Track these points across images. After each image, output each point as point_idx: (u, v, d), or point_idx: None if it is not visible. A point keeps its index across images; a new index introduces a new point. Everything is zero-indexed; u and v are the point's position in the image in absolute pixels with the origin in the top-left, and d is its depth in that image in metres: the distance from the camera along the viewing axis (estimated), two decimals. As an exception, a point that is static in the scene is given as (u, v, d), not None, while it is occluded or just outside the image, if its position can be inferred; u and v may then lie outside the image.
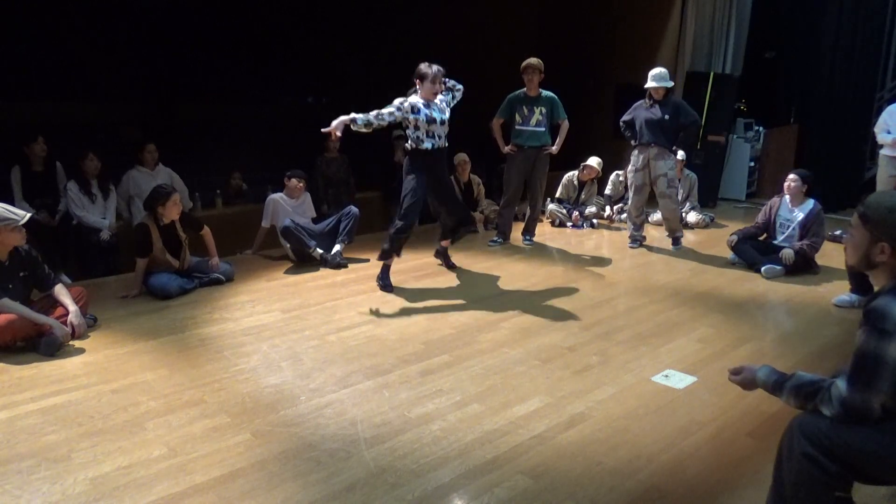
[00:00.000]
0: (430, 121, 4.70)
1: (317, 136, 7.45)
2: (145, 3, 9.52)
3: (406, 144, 4.81)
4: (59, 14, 8.97)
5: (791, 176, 5.49)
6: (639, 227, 6.37)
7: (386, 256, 4.81)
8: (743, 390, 2.20)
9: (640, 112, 6.05)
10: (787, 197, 5.52)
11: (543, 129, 6.08)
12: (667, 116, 5.89)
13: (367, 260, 5.63)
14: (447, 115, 4.84)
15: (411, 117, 4.65)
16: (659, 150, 5.97)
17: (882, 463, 1.79)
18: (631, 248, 6.29)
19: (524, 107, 6.04)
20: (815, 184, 5.53)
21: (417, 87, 4.76)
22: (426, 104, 4.72)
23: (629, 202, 6.40)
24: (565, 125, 6.15)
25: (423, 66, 4.76)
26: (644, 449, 2.67)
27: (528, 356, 3.61)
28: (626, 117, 6.18)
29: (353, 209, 5.75)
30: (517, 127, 6.06)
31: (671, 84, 6.00)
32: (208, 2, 10.09)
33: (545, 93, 6.07)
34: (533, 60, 5.94)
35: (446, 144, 4.85)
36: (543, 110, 6.04)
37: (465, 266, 5.49)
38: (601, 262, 5.83)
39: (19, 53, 8.72)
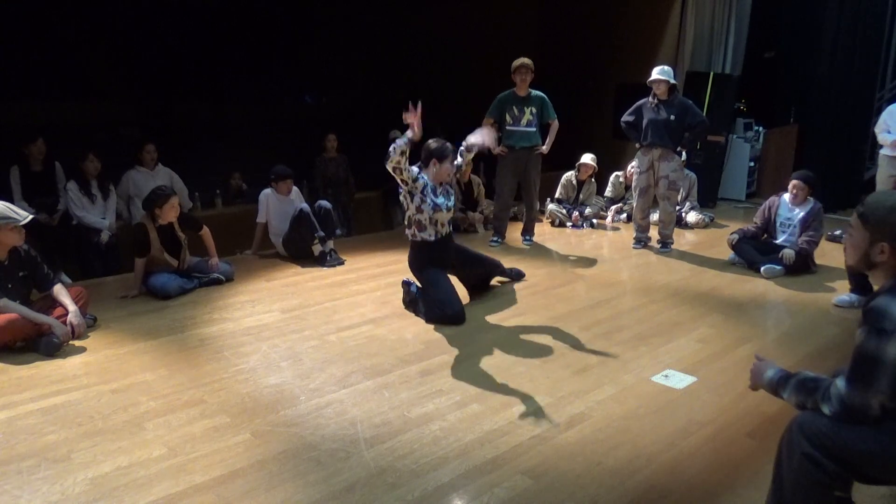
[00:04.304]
0: (436, 208, 4.15)
1: (316, 135, 7.51)
2: (145, 3, 9.52)
3: (406, 231, 4.26)
4: (58, 14, 8.97)
5: (797, 183, 5.39)
6: (644, 228, 6.36)
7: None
8: (744, 390, 2.20)
9: (645, 113, 5.96)
10: (787, 196, 5.51)
11: (534, 129, 6.06)
12: (672, 117, 5.83)
13: (367, 260, 5.63)
14: (452, 201, 4.31)
15: (418, 194, 4.10)
16: (663, 151, 5.92)
17: (881, 463, 1.79)
18: (635, 248, 6.27)
19: (514, 107, 6.01)
20: (815, 183, 5.51)
21: (432, 167, 4.16)
22: (434, 188, 4.18)
23: (634, 205, 6.37)
24: (555, 125, 6.11)
25: (434, 143, 4.14)
26: (644, 449, 2.67)
27: (528, 356, 3.61)
28: (628, 118, 6.09)
29: (304, 206, 5.54)
30: (508, 128, 6.02)
31: (674, 81, 5.94)
32: (208, 2, 10.09)
33: (535, 92, 6.05)
34: (526, 60, 5.92)
35: (451, 230, 4.37)
36: (534, 110, 6.01)
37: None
38: (601, 262, 5.82)
39: (19, 53, 8.71)
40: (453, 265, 4.48)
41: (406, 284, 4.42)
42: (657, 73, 5.85)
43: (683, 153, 6.68)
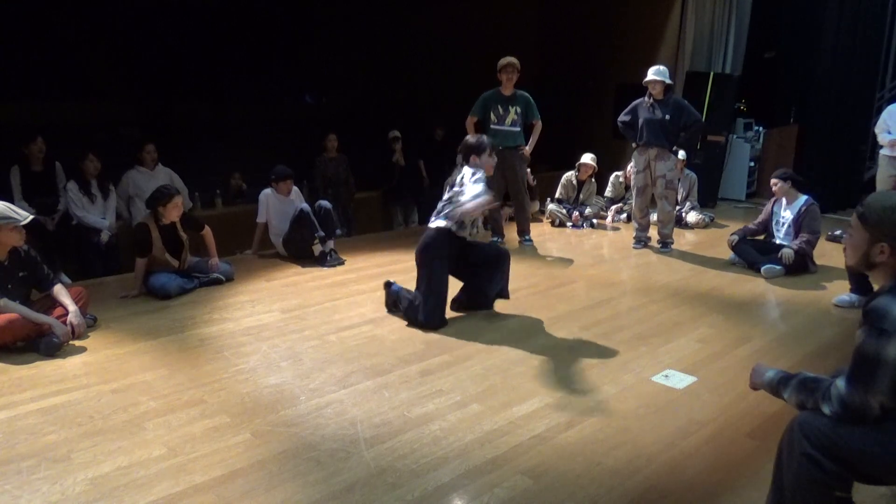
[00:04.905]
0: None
1: (316, 135, 7.52)
2: (145, 3, 9.52)
3: (440, 223, 4.09)
4: (58, 14, 8.96)
5: (772, 181, 5.55)
6: (644, 227, 6.35)
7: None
8: (744, 390, 2.20)
9: (640, 112, 5.98)
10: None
11: (518, 129, 6.05)
12: (668, 117, 5.83)
13: (366, 260, 5.63)
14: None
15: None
16: (659, 150, 5.93)
17: (882, 463, 1.79)
18: (635, 248, 6.27)
19: (499, 106, 6.00)
20: (807, 180, 5.55)
21: (476, 161, 4.14)
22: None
23: (633, 204, 6.38)
24: (538, 126, 6.11)
25: (472, 139, 4.22)
26: (644, 449, 2.67)
27: (528, 356, 3.61)
28: (624, 117, 6.11)
29: (304, 207, 5.53)
30: (493, 127, 6.01)
31: (670, 81, 5.95)
32: (208, 2, 10.09)
33: (520, 92, 6.04)
34: (513, 59, 5.91)
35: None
36: (518, 109, 6.00)
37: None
38: (601, 262, 5.82)
39: (19, 53, 8.71)
40: (467, 264, 4.28)
41: (388, 286, 4.36)
42: (652, 73, 5.87)
43: (681, 152, 6.69)
